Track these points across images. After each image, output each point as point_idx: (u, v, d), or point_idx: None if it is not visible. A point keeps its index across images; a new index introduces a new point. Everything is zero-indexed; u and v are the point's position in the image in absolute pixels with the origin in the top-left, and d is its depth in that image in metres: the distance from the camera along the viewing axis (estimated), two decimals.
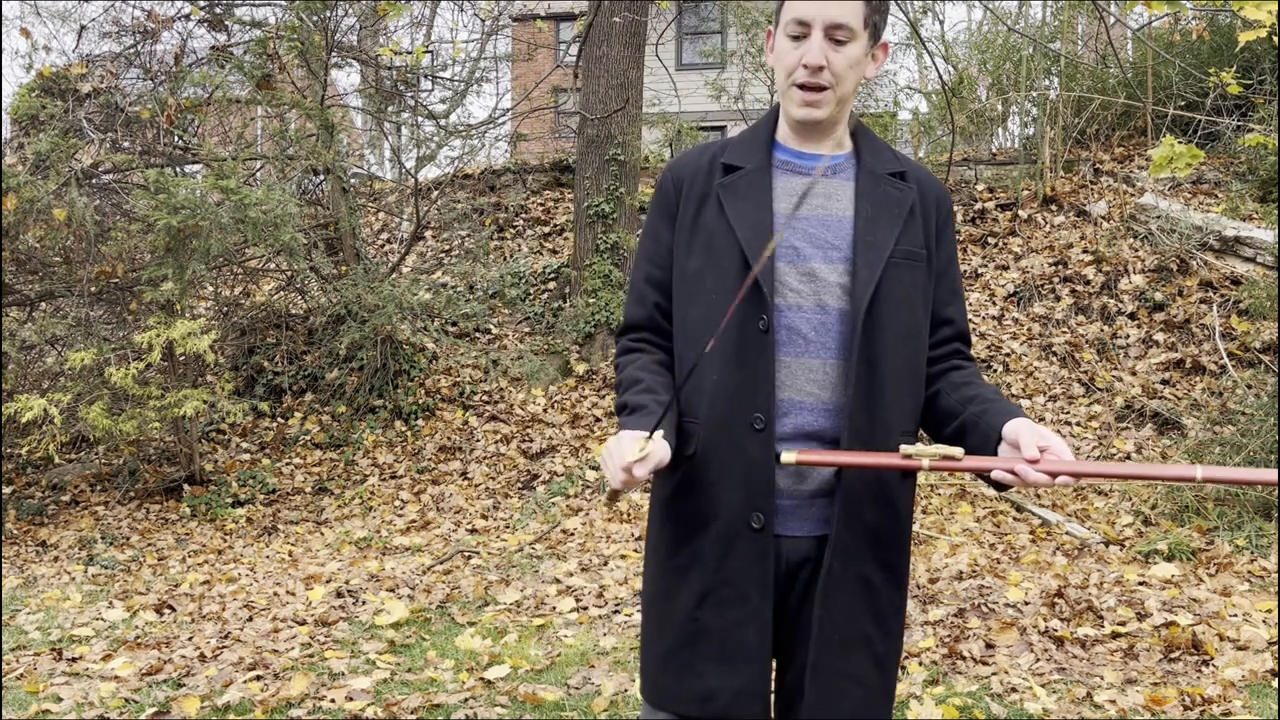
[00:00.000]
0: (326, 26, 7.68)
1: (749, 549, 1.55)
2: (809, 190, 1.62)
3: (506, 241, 10.26)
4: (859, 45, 1.56)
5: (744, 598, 1.56)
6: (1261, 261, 7.81)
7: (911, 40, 12.74)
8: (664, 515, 1.66)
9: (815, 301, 1.57)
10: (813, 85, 1.56)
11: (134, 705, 3.48)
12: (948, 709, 3.18)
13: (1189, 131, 9.11)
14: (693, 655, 1.58)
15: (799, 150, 1.65)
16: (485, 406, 8.10)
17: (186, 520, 6.81)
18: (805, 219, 1.60)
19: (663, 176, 1.70)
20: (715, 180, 1.63)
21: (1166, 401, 7.01)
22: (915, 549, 5.27)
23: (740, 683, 1.56)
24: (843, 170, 1.65)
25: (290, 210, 6.56)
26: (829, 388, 1.57)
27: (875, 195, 1.62)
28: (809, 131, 1.62)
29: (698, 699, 1.58)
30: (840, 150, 1.66)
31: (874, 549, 1.59)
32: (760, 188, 1.60)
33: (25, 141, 6.67)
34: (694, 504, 1.60)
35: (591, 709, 3.31)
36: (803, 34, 1.55)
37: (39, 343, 7.03)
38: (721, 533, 1.57)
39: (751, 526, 1.55)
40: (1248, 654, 3.59)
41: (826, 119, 1.60)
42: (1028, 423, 1.48)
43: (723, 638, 1.57)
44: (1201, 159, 3.83)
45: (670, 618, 1.61)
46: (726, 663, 1.56)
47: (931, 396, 1.66)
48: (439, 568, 5.40)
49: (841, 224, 1.60)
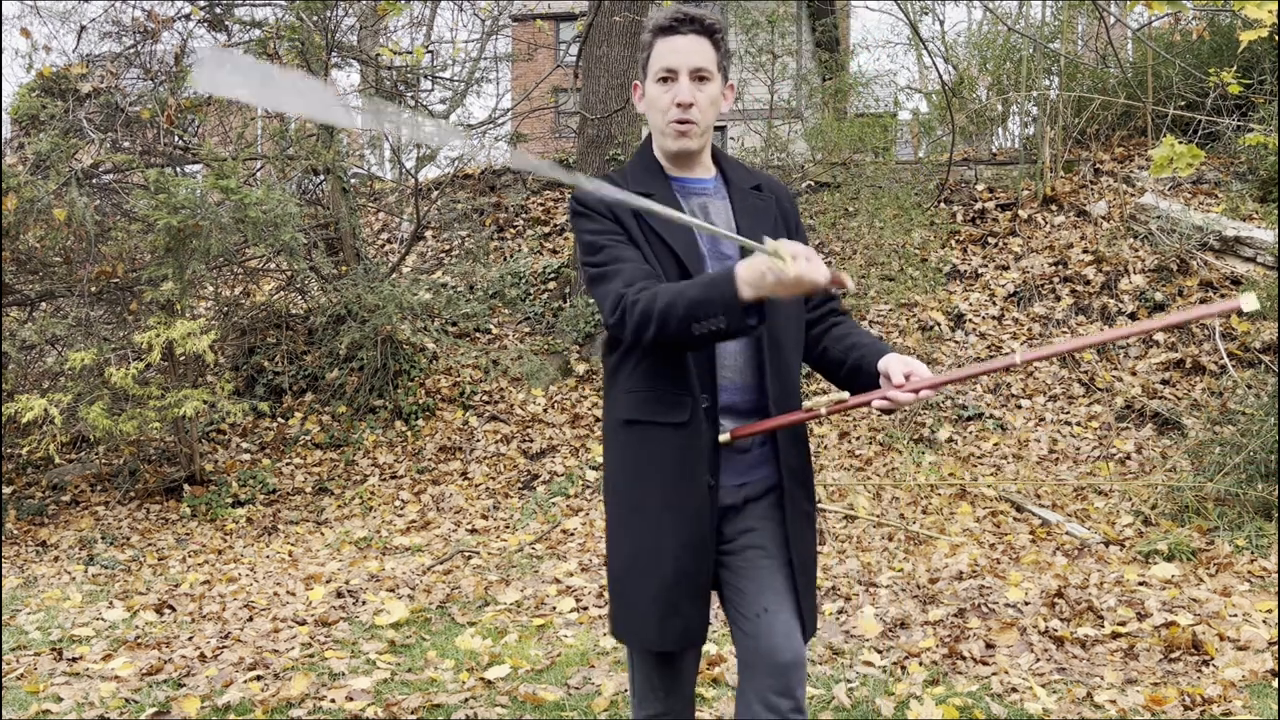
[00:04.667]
0: (326, 26, 7.68)
1: (706, 505, 1.92)
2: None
3: (506, 241, 10.26)
4: (715, 85, 1.95)
5: (706, 545, 1.93)
6: (1261, 261, 7.81)
7: (911, 40, 12.74)
8: (633, 471, 1.97)
9: None
10: (685, 120, 1.91)
11: (134, 705, 3.48)
12: (948, 709, 3.18)
13: (1189, 131, 9.11)
14: (677, 594, 1.92)
15: (682, 176, 2.00)
16: (485, 406, 8.10)
17: (186, 520, 6.81)
18: (701, 236, 1.93)
19: (580, 200, 1.96)
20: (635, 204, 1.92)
21: (1166, 401, 7.01)
22: (915, 549, 5.28)
23: (703, 616, 1.94)
24: (719, 191, 2.02)
25: (290, 210, 6.56)
26: (747, 368, 1.95)
27: (747, 207, 1.99)
28: (684, 160, 1.99)
29: (679, 634, 1.94)
30: (709, 174, 2.03)
31: (803, 487, 2.02)
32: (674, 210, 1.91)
33: (25, 141, 6.67)
34: (660, 465, 1.93)
35: (591, 709, 3.31)
36: (671, 78, 1.92)
37: (39, 343, 7.03)
38: (686, 491, 1.91)
39: (708, 485, 1.91)
40: (1248, 654, 3.59)
41: (696, 149, 1.96)
42: (895, 356, 1.86)
43: (697, 579, 1.93)
44: (1202, 159, 3.83)
45: (662, 565, 1.93)
46: (695, 599, 1.93)
47: (820, 352, 2.06)
48: (439, 568, 5.40)
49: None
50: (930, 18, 11.02)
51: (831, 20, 14.47)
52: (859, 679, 3.51)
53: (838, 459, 6.80)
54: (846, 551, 5.28)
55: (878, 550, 5.28)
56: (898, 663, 3.66)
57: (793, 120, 11.82)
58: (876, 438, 7.05)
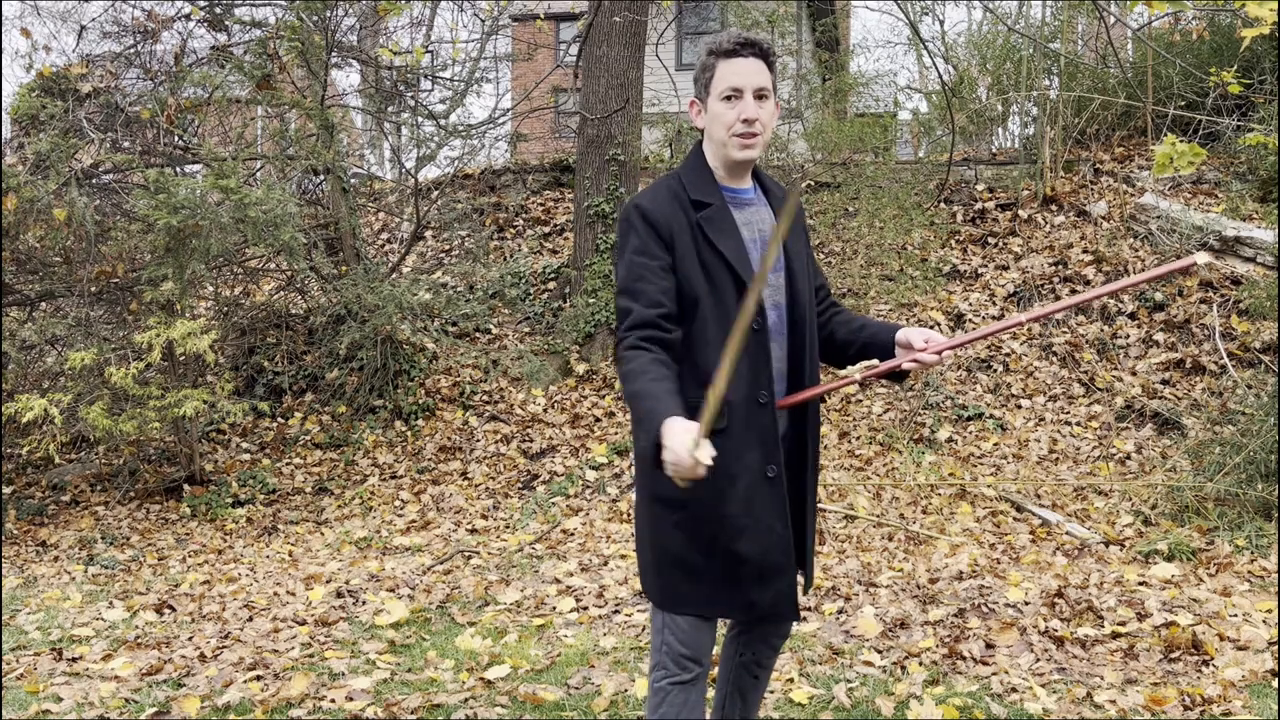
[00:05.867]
0: (326, 26, 7.68)
1: (769, 493, 2.12)
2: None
3: (506, 241, 10.26)
4: (772, 102, 2.16)
5: (770, 529, 2.13)
6: (1261, 261, 7.81)
7: (911, 40, 12.74)
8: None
9: (773, 302, 2.18)
10: (750, 134, 2.12)
11: (134, 705, 3.48)
12: (948, 709, 3.18)
13: (1189, 131, 9.11)
14: (740, 575, 2.12)
15: (734, 187, 2.21)
16: (485, 406, 8.10)
17: (186, 520, 6.81)
18: (758, 240, 2.18)
19: (640, 211, 2.12)
20: (691, 214, 2.13)
21: (1167, 401, 7.01)
22: (915, 549, 5.28)
23: (772, 595, 2.14)
24: (760, 200, 2.25)
25: (290, 210, 6.56)
26: (782, 360, 2.20)
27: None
28: (739, 170, 2.20)
29: (744, 607, 2.15)
30: (749, 184, 2.24)
31: (816, 468, 2.30)
32: (730, 221, 2.15)
33: (25, 141, 6.67)
34: (724, 464, 2.04)
35: (591, 709, 3.31)
36: (736, 96, 2.12)
37: (39, 343, 7.03)
38: (746, 485, 2.11)
39: (767, 476, 2.12)
40: (1248, 654, 3.59)
41: (759, 157, 2.18)
42: (908, 327, 2.14)
43: (762, 562, 2.12)
44: (1204, 157, 3.83)
45: (716, 555, 2.12)
46: (762, 581, 2.13)
47: (827, 336, 2.33)
48: (439, 568, 5.40)
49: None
50: (930, 18, 11.01)
51: (831, 20, 14.48)
52: (859, 679, 3.51)
53: (838, 459, 6.80)
54: (846, 551, 5.28)
55: (878, 550, 5.28)
56: (898, 663, 3.66)
57: (793, 120, 11.81)
58: (876, 438, 7.05)
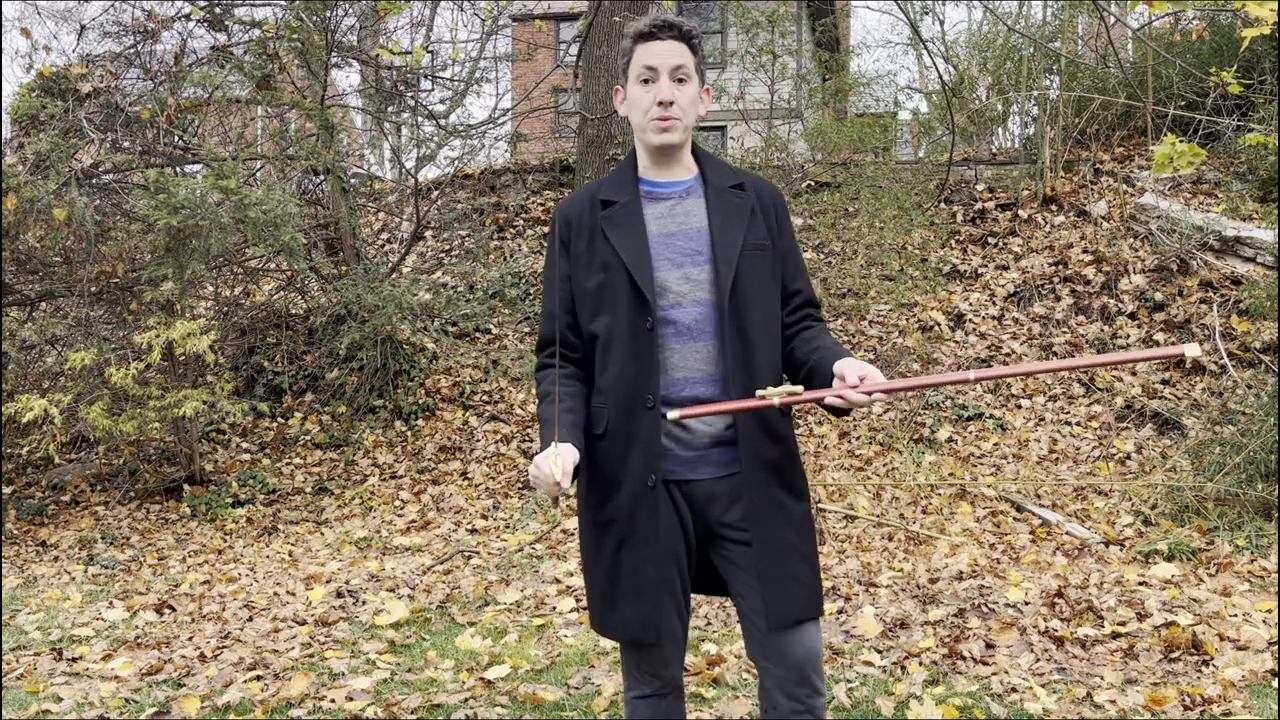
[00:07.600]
0: (326, 26, 7.68)
1: (648, 503, 1.99)
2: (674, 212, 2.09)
3: (506, 241, 10.26)
4: (694, 85, 2.04)
5: (647, 542, 1.99)
6: (1261, 261, 7.81)
7: (912, 40, 12.75)
8: (588, 481, 2.09)
9: (693, 298, 2.01)
10: (667, 116, 2.00)
11: (134, 705, 3.48)
12: (948, 709, 3.18)
13: (1189, 131, 9.11)
14: (615, 592, 2.03)
15: (658, 180, 2.09)
16: (485, 406, 8.10)
17: (186, 520, 6.81)
18: (675, 234, 2.05)
19: (554, 218, 2.12)
20: (597, 215, 2.05)
21: (1166, 401, 7.01)
22: (915, 549, 5.28)
23: (643, 613, 2.00)
24: (694, 191, 2.10)
25: (290, 210, 6.56)
26: (712, 363, 2.02)
27: (722, 205, 2.06)
28: (665, 159, 2.07)
29: (619, 626, 2.03)
30: (689, 174, 2.11)
31: (777, 476, 2.03)
32: (635, 217, 2.04)
33: (25, 141, 6.67)
34: (608, 470, 2.03)
35: (591, 709, 3.31)
36: (652, 78, 2.01)
37: (39, 343, 7.03)
38: (630, 492, 2.00)
39: (647, 485, 1.99)
40: (1248, 654, 3.59)
41: (678, 143, 2.03)
42: (851, 359, 1.93)
43: (635, 577, 2.00)
44: (1204, 157, 3.83)
45: (600, 563, 2.06)
46: (636, 596, 2.01)
47: (788, 353, 2.12)
48: (439, 568, 5.40)
49: (700, 234, 2.04)
50: (930, 18, 11.01)
51: (831, 20, 14.48)
52: (859, 679, 3.51)
53: (838, 459, 6.80)
54: (846, 551, 5.28)
55: (878, 550, 5.28)
56: (898, 663, 3.66)
57: (793, 120, 11.82)
58: (876, 438, 7.05)
